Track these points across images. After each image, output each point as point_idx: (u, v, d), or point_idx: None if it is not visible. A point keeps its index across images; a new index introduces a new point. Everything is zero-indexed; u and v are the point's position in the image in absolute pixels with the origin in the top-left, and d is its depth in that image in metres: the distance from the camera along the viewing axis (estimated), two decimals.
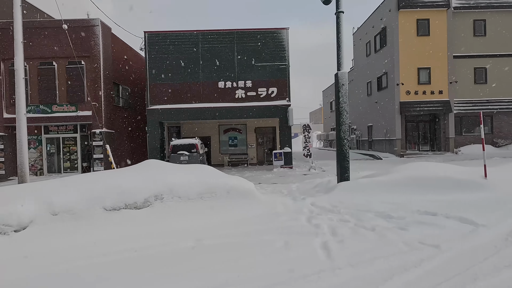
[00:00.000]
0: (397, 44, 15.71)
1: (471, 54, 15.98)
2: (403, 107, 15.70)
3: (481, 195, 5.24)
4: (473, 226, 3.86)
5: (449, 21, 15.70)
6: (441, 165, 6.68)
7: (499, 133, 16.10)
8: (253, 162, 15.79)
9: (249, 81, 13.09)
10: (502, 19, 15.87)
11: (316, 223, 4.28)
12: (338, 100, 6.23)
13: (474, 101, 15.98)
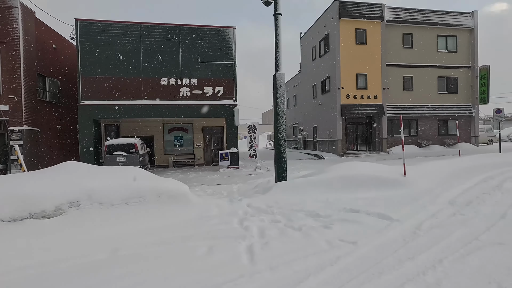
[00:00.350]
0: (339, 51, 16.72)
1: (401, 64, 17.76)
2: (344, 109, 16.78)
3: (400, 192, 5.74)
4: (389, 221, 4.15)
5: (383, 32, 17.23)
6: (369, 165, 7.20)
7: (423, 135, 18.18)
8: (200, 163, 15.35)
9: (194, 79, 12.66)
10: (425, 34, 17.95)
11: (247, 225, 4.21)
12: (276, 101, 6.28)
13: (403, 106, 17.79)
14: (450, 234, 3.63)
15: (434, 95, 18.20)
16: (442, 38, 18.20)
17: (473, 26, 18.32)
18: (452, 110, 18.30)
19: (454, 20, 18.13)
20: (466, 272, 2.66)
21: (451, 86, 18.46)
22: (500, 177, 7.42)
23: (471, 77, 18.51)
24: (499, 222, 3.97)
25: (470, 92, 18.58)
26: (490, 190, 5.92)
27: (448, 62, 18.29)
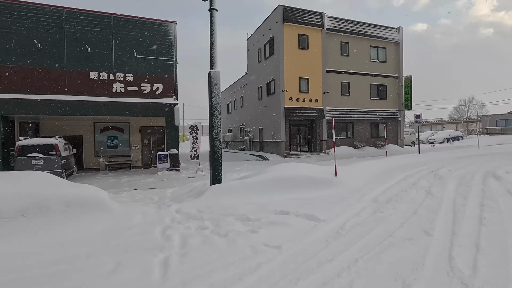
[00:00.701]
0: (283, 54, 17.15)
1: (339, 70, 19.00)
2: (287, 112, 17.25)
3: (331, 191, 5.94)
4: (316, 222, 4.18)
5: (323, 39, 18.21)
6: (305, 165, 7.36)
7: (358, 137, 19.70)
8: (137, 165, 14.23)
9: (129, 75, 11.66)
10: (359, 44, 19.51)
11: (169, 234, 3.83)
12: (211, 100, 5.99)
13: (341, 110, 19.03)
14: (369, 232, 3.77)
15: (367, 101, 19.86)
16: (374, 49, 19.99)
17: (399, 40, 20.53)
18: (382, 114, 20.20)
19: (383, 34, 20.06)
20: (377, 270, 2.72)
21: (381, 93, 20.37)
22: (416, 175, 8.26)
23: (398, 85, 20.69)
24: (411, 218, 4.28)
25: (396, 99, 20.75)
26: (407, 187, 6.49)
27: (379, 71, 20.14)
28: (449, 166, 9.88)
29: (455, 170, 8.92)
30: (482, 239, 3.37)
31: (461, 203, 5.04)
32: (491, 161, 10.67)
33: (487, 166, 9.58)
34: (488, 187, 6.23)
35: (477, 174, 8.11)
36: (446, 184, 6.72)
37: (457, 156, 12.84)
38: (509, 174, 7.80)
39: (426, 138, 30.74)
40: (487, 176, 7.57)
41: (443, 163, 10.85)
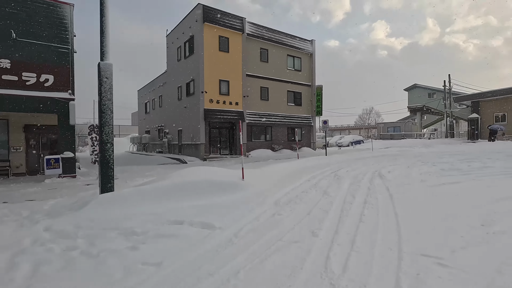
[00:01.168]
0: (202, 55, 16.71)
1: (259, 75, 19.61)
2: (207, 114, 16.85)
3: (236, 196, 5.81)
4: (211, 231, 3.93)
5: (244, 44, 18.52)
6: (213, 169, 7.11)
7: (276, 140, 20.67)
8: (19, 172, 11.68)
9: (6, 60, 9.45)
10: (278, 52, 20.58)
11: (18, 261, 3.01)
12: (101, 96, 5.18)
13: (260, 113, 19.65)
14: (261, 237, 3.70)
15: (284, 106, 21.04)
16: (291, 58, 21.35)
17: (312, 51, 22.47)
18: (298, 119, 21.69)
19: (299, 44, 21.63)
20: (256, 280, 2.60)
21: (297, 99, 21.88)
22: (320, 176, 8.93)
23: (311, 93, 22.57)
24: (304, 219, 4.43)
25: (310, 105, 22.60)
26: (309, 188, 6.88)
27: (295, 79, 21.59)
28: (348, 167, 11.07)
29: (351, 171, 10.02)
30: (358, 235, 3.65)
31: (349, 201, 5.53)
32: (380, 162, 12.41)
33: (376, 166, 11.07)
34: (373, 185, 7.08)
35: (367, 173, 9.24)
36: (342, 184, 7.39)
37: (355, 158, 14.60)
38: (390, 173, 9.12)
39: (335, 142, 34.40)
40: (374, 176, 8.67)
41: (344, 164, 12.12)
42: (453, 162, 11.07)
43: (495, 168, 9.12)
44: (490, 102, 24.60)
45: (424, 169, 9.57)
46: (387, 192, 6.20)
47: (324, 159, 13.76)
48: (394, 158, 13.84)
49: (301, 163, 12.32)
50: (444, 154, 15.04)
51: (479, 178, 7.36)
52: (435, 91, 38.38)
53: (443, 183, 6.96)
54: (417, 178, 7.83)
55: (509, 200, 5.11)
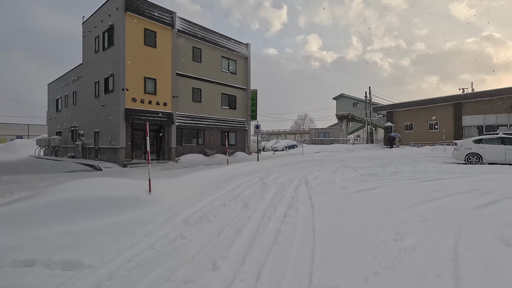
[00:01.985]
0: (124, 48, 14.85)
1: (191, 75, 18.45)
2: (129, 114, 14.99)
3: (136, 214, 4.77)
4: (74, 273, 2.87)
5: (174, 41, 17.18)
6: (115, 181, 5.89)
7: (209, 144, 19.71)
8: None
9: None
10: (212, 52, 19.75)
11: None
12: None
13: (192, 116, 18.47)
14: (145, 277, 2.82)
15: (218, 109, 20.27)
16: (225, 60, 20.74)
17: (248, 55, 22.27)
18: (232, 123, 21.14)
19: (234, 47, 21.18)
20: None
21: (231, 102, 21.34)
22: (246, 184, 8.37)
23: (246, 97, 22.30)
24: (210, 244, 3.68)
25: (245, 109, 22.30)
26: (229, 200, 6.20)
27: (229, 81, 21.03)
28: (277, 173, 10.83)
29: (280, 177, 9.75)
30: (268, 264, 3.06)
31: (269, 215, 5.01)
32: (308, 167, 12.57)
33: (304, 172, 11.10)
34: (297, 194, 6.78)
35: (295, 180, 9.06)
36: (266, 193, 6.92)
37: (286, 163, 14.64)
38: (315, 179, 9.11)
39: (271, 146, 35.01)
40: (300, 182, 8.49)
41: (273, 170, 11.89)
42: (371, 167, 11.80)
43: (405, 173, 9.89)
44: (401, 112, 28.03)
45: (347, 174, 9.87)
46: (309, 202, 5.93)
47: (255, 165, 13.40)
48: (321, 163, 14.28)
49: (230, 169, 11.68)
50: (364, 159, 16.23)
51: (392, 184, 7.74)
52: (358, 101, 42.43)
53: (362, 189, 7.06)
54: (339, 185, 7.87)
55: (416, 207, 5.24)
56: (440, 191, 6.68)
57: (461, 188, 6.92)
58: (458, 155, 12.67)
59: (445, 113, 25.30)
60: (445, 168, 10.91)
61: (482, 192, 6.30)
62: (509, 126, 22.28)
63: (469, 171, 10.06)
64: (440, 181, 8.03)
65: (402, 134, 27.82)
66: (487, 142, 12.13)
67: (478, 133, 23.65)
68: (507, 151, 11.58)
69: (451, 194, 6.22)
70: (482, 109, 23.52)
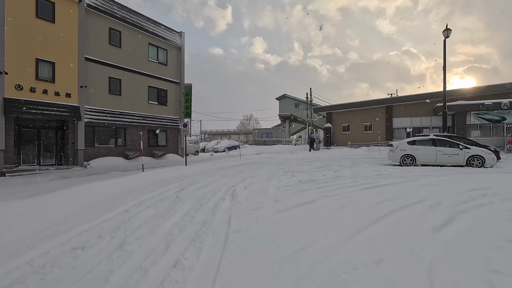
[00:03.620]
0: (3, 17, 11.21)
1: (107, 62, 15.32)
2: (11, 105, 11.40)
3: None
4: None
5: (83, 17, 13.91)
6: None
7: (131, 146, 16.75)
8: None
9: None
10: (136, 37, 16.83)
11: None
12: None
13: (108, 111, 15.35)
14: None
15: (145, 104, 17.43)
16: (154, 48, 17.98)
17: (181, 45, 19.80)
18: (162, 121, 18.46)
19: (165, 34, 18.54)
20: None
21: (161, 97, 18.64)
22: (151, 200, 6.27)
23: (179, 92, 19.80)
24: None
25: (178, 106, 19.78)
26: (103, 233, 4.08)
27: (159, 73, 18.32)
28: (203, 181, 8.92)
29: (203, 187, 7.86)
30: None
31: (150, 263, 3.08)
32: (243, 172, 10.92)
33: (237, 178, 9.39)
34: (213, 215, 4.99)
35: (220, 191, 7.27)
36: (171, 216, 4.98)
37: (220, 167, 12.79)
38: (246, 189, 7.45)
39: (211, 147, 32.85)
40: (226, 195, 6.73)
41: (201, 177, 9.95)
42: (311, 171, 10.71)
43: (345, 178, 8.91)
44: (339, 114, 28.61)
45: (283, 181, 8.47)
46: (225, 230, 4.18)
47: (180, 171, 11.24)
48: (259, 167, 12.80)
49: (144, 178, 9.36)
50: (304, 161, 15.34)
51: (333, 194, 6.49)
52: (300, 102, 42.93)
53: (297, 203, 5.60)
54: (272, 197, 6.34)
55: (364, 232, 3.87)
56: (386, 202, 5.59)
57: (406, 197, 5.95)
58: (393, 156, 12.41)
59: (378, 116, 26.47)
60: (384, 171, 10.34)
61: (431, 204, 5.35)
62: (431, 128, 24.16)
63: (406, 174, 9.55)
64: (383, 188, 7.09)
65: (340, 135, 28.39)
66: (420, 143, 12.07)
67: (406, 135, 25.18)
68: (438, 153, 11.61)
69: (400, 208, 5.12)
70: (409, 112, 25.15)
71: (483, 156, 11.08)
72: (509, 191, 6.29)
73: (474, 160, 11.19)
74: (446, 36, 15.87)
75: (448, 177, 8.80)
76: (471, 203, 5.40)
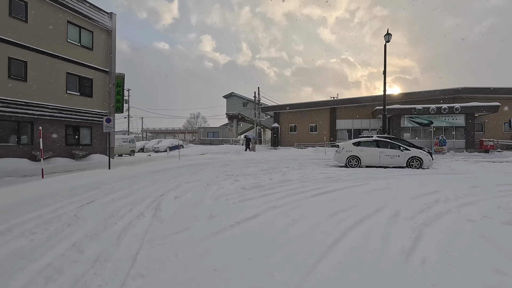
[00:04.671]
0: None
1: (7, 39, 12.12)
2: None
3: None
4: None
5: None
6: None
7: (44, 144, 13.64)
8: None
9: None
10: (50, 12, 13.79)
11: None
12: None
13: (8, 100, 12.16)
14: None
15: (61, 95, 14.45)
16: (75, 28, 15.05)
17: (112, 29, 17.08)
18: (86, 115, 15.61)
19: (90, 13, 15.70)
20: None
21: (85, 87, 15.76)
22: (47, 216, 4.48)
23: (108, 82, 17.06)
24: None
25: (107, 98, 17.02)
26: None
27: (82, 58, 15.43)
28: (126, 189, 7.18)
29: (122, 198, 6.16)
30: None
31: None
32: (179, 176, 9.36)
33: (170, 184, 7.84)
34: (116, 248, 3.48)
35: (143, 203, 5.71)
36: (49, 250, 3.35)
37: (153, 170, 10.95)
38: (176, 199, 6.01)
39: (151, 146, 30.04)
40: (146, 210, 5.21)
41: (125, 183, 8.12)
42: (257, 174, 9.68)
43: (293, 182, 8.06)
44: (287, 114, 28.51)
45: (225, 188, 7.23)
46: (125, 273, 2.76)
47: (100, 175, 9.16)
48: (199, 169, 11.32)
49: (44, 186, 7.21)
50: (250, 162, 14.32)
51: (280, 204, 5.47)
52: (248, 101, 42.18)
53: (237, 220, 4.44)
54: (206, 210, 5.05)
55: (318, 270, 2.82)
56: (340, 213, 4.76)
57: (361, 206, 5.23)
58: (339, 157, 12.13)
59: (323, 117, 26.99)
60: (332, 173, 9.82)
61: (390, 215, 4.66)
62: (370, 130, 25.46)
63: (354, 177, 9.13)
64: (334, 195, 6.33)
65: (287, 136, 28.28)
66: (364, 145, 11.98)
67: (348, 136, 26.13)
68: (381, 154, 11.63)
69: (357, 222, 4.29)
70: (351, 114, 26.15)
71: (422, 158, 11.39)
72: (458, 196, 6.03)
73: (414, 161, 11.44)
74: (387, 40, 16.50)
75: (395, 179, 8.57)
76: (428, 212, 4.86)
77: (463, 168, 11.51)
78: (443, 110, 20.76)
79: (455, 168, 11.52)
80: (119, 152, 21.87)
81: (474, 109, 20.54)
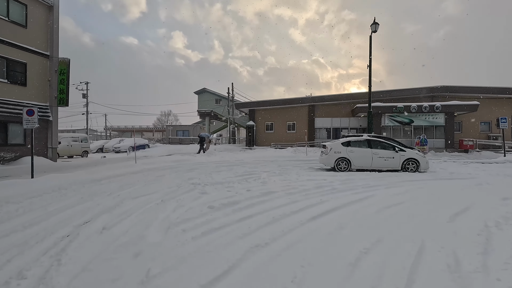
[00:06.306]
0: None
1: None
2: None
3: None
4: None
5: None
6: None
7: None
8: None
9: None
10: None
11: None
12: None
13: None
14: None
15: None
16: None
17: (53, 3, 14.06)
18: (17, 108, 12.55)
19: None
20: None
21: (16, 74, 12.70)
22: None
23: (49, 69, 14.03)
24: None
25: (46, 88, 13.99)
26: None
27: (12, 37, 12.38)
28: (36, 212, 4.84)
29: (15, 231, 3.86)
30: None
31: None
32: (128, 188, 7.07)
33: (107, 202, 5.58)
34: None
35: (47, 239, 3.49)
36: None
37: (96, 179, 8.47)
38: (105, 232, 3.83)
39: (112, 146, 26.81)
40: (41, 259, 3.00)
41: (41, 201, 5.72)
42: (230, 182, 7.66)
43: (278, 194, 6.14)
44: (263, 111, 26.66)
45: (185, 207, 5.16)
46: None
47: (9, 188, 6.59)
48: (158, 176, 9.05)
49: None
50: (223, 165, 12.23)
51: (264, 238, 3.52)
52: (221, 97, 39.82)
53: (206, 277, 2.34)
54: (142, 263, 2.94)
55: None
56: (364, 261, 2.88)
57: (387, 240, 3.42)
58: (327, 160, 10.46)
59: (301, 115, 25.50)
60: (322, 180, 8.05)
61: (448, 263, 2.87)
62: (349, 129, 24.37)
63: (351, 185, 7.43)
64: (337, 217, 4.50)
65: (263, 135, 26.44)
66: (355, 145, 10.41)
67: (327, 135, 24.87)
68: (374, 156, 10.13)
69: (400, 279, 2.42)
70: (330, 112, 24.91)
71: (418, 160, 10.02)
72: (504, 216, 4.45)
73: (410, 164, 10.05)
74: (373, 30, 15.20)
75: (400, 188, 6.96)
76: (495, 249, 3.16)
77: (460, 171, 10.32)
78: (424, 109, 20.05)
79: (453, 171, 10.29)
80: (68, 154, 18.67)
81: (455, 107, 20.05)
